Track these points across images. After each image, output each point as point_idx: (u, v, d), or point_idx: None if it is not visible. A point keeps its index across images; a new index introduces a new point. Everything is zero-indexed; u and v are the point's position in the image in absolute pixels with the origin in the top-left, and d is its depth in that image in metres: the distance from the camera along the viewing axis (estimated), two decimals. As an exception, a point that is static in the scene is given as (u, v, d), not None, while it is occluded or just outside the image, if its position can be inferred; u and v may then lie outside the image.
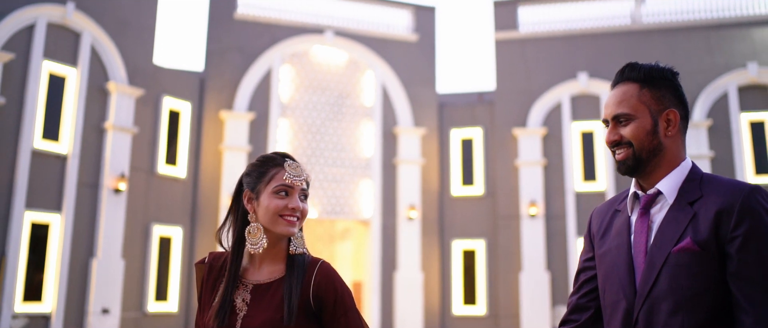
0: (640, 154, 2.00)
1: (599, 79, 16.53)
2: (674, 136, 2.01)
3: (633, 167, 2.02)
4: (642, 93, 2.01)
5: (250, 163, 2.20)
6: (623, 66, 2.09)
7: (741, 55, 15.99)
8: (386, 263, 16.48)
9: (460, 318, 16.69)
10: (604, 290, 2.06)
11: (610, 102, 2.07)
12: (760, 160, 15.58)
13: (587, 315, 2.16)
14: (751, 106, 15.81)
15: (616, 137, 2.03)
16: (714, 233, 1.83)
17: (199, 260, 2.26)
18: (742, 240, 1.80)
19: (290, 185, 2.12)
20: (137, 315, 13.96)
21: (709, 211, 1.86)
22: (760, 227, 1.80)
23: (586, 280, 2.20)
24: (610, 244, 2.08)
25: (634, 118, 2.00)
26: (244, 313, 2.07)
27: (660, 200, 1.99)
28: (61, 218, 12.79)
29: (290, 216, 2.11)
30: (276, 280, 2.12)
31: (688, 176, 1.98)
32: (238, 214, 2.19)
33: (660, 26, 16.70)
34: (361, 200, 16.68)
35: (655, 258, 1.90)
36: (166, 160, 14.90)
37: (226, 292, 2.10)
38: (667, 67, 2.06)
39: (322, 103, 16.63)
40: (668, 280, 1.86)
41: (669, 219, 1.93)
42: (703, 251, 1.83)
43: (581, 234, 16.05)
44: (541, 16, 17.49)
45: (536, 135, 16.62)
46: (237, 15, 16.29)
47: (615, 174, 16.05)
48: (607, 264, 2.06)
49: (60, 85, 13.08)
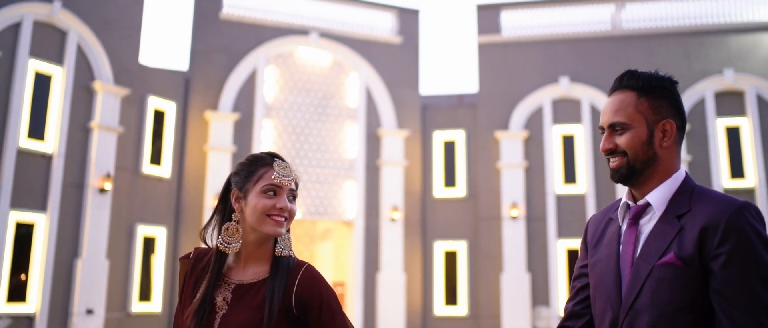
0: (634, 164, 1.97)
1: (580, 83, 16.81)
2: (670, 147, 1.99)
3: (626, 176, 2.00)
4: (639, 102, 1.99)
5: (239, 162, 2.18)
6: (622, 73, 2.07)
7: (717, 62, 16.37)
8: (369, 264, 16.59)
9: (442, 319, 16.85)
10: (595, 298, 2.06)
11: (607, 109, 2.05)
12: (735, 164, 15.96)
13: (582, 322, 2.15)
14: (727, 112, 16.19)
15: (611, 146, 2.01)
16: (698, 248, 1.81)
17: (183, 255, 2.24)
18: (726, 258, 1.77)
19: (279, 185, 2.10)
20: (121, 316, 13.90)
21: (695, 226, 1.84)
22: (745, 245, 1.77)
23: (582, 287, 2.19)
24: (601, 253, 2.07)
25: (630, 128, 1.98)
26: (224, 312, 2.05)
27: (649, 211, 1.97)
28: (46, 218, 12.71)
29: (278, 216, 2.09)
30: (259, 281, 2.09)
31: (679, 188, 1.96)
32: (224, 212, 2.17)
33: (639, 32, 17.03)
34: (345, 201, 16.77)
35: (640, 270, 1.89)
36: (151, 160, 14.86)
37: (207, 290, 2.08)
38: (666, 76, 2.04)
39: (306, 104, 16.69)
40: (650, 293, 1.85)
41: (656, 232, 1.91)
42: (686, 267, 1.81)
43: (562, 236, 16.33)
44: (523, 21, 17.73)
45: (518, 138, 16.85)
46: (222, 15, 16.29)
47: (595, 177, 16.34)
48: (598, 273, 2.05)
49: (46, 83, 12.99)
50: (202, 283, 2.14)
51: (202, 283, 2.14)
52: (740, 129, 16.12)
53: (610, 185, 16.23)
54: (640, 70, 2.04)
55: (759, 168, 15.60)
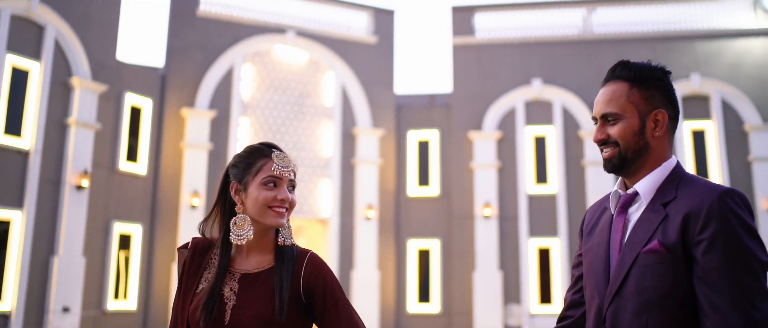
0: (626, 154, 1.99)
1: (552, 85, 17.16)
2: (662, 136, 2.00)
3: (618, 166, 2.01)
4: (631, 92, 2.00)
5: (237, 154, 2.18)
6: (615, 64, 2.07)
7: (685, 67, 16.86)
8: (344, 262, 16.72)
9: (415, 316, 17.08)
10: (586, 286, 2.09)
11: (599, 100, 2.05)
12: (700, 166, 16.48)
13: (582, 311, 2.17)
14: (693, 115, 16.69)
15: (603, 136, 2.03)
16: (681, 235, 1.82)
17: (182, 245, 2.22)
18: (707, 244, 1.77)
19: (279, 176, 2.10)
20: (96, 313, 13.82)
21: (678, 213, 1.85)
22: (726, 231, 1.76)
23: (580, 276, 2.20)
24: (593, 241, 2.09)
25: (622, 118, 1.99)
26: (233, 303, 2.05)
27: (638, 200, 1.99)
28: (23, 215, 12.57)
29: (279, 207, 2.09)
30: (265, 270, 2.10)
31: (668, 177, 1.97)
32: (225, 205, 2.16)
33: (610, 37, 17.44)
34: (320, 199, 16.88)
35: (625, 258, 1.90)
36: (127, 157, 14.77)
37: (215, 284, 2.07)
38: (658, 66, 2.04)
39: (282, 102, 16.75)
40: (635, 280, 1.85)
41: (642, 220, 1.93)
42: (670, 253, 1.82)
43: (533, 235, 16.67)
44: (497, 23, 18.02)
45: (491, 138, 17.13)
46: (199, 12, 16.24)
47: (566, 178, 16.71)
48: (589, 261, 2.08)
49: (23, 79, 12.83)
50: (202, 273, 2.15)
51: (202, 273, 2.15)
52: (705, 132, 16.64)
53: (581, 185, 16.63)
54: (633, 62, 2.05)
55: (723, 170, 16.12)
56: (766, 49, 16.71)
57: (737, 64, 16.71)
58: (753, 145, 16.16)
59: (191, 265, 2.17)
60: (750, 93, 16.48)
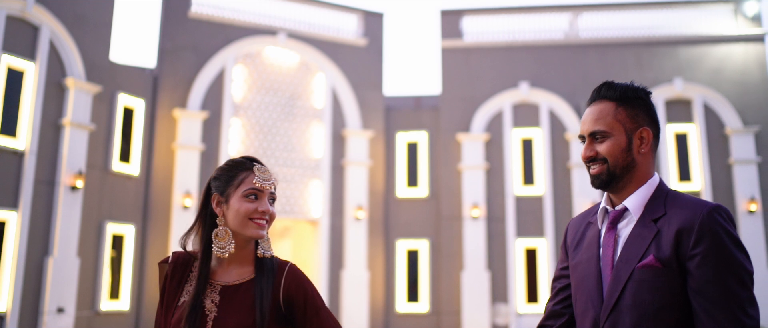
0: (614, 170, 2.06)
1: (539, 88, 17.47)
2: (647, 153, 2.08)
3: (606, 182, 2.09)
4: (618, 111, 2.08)
5: (219, 167, 2.23)
6: (600, 85, 2.16)
7: (668, 71, 17.26)
8: (334, 262, 16.87)
9: (404, 315, 17.28)
10: (576, 299, 2.16)
11: (586, 119, 2.13)
12: (683, 168, 16.89)
13: (562, 321, 2.26)
14: (676, 118, 17.10)
15: (592, 153, 2.10)
16: (675, 250, 1.91)
17: (162, 259, 2.26)
18: (700, 258, 1.87)
19: (260, 189, 2.15)
20: (90, 314, 13.83)
21: (671, 229, 1.93)
22: (718, 245, 1.87)
23: (561, 288, 2.29)
24: (582, 255, 2.16)
25: (610, 136, 2.07)
26: (215, 315, 2.08)
27: (627, 216, 2.07)
28: (18, 216, 12.56)
29: (260, 219, 2.14)
30: (245, 282, 2.14)
31: (654, 193, 2.06)
32: (206, 217, 2.21)
33: (595, 41, 17.79)
34: (310, 199, 17.01)
35: (620, 273, 1.98)
36: (120, 157, 14.78)
37: (196, 295, 2.10)
38: (641, 87, 2.14)
39: (273, 103, 16.85)
40: (632, 294, 1.93)
41: (634, 235, 2.00)
42: (665, 268, 1.91)
43: (520, 236, 16.95)
44: (485, 27, 18.28)
45: (479, 140, 17.39)
46: (191, 13, 16.29)
47: (553, 179, 17.02)
48: (579, 275, 2.15)
49: (18, 79, 12.81)
50: (184, 286, 2.19)
51: (184, 286, 2.19)
52: (687, 136, 17.05)
53: (567, 187, 16.95)
54: (617, 82, 2.14)
55: (705, 172, 16.54)
56: (746, 54, 17.17)
57: (719, 69, 17.14)
58: (733, 148, 16.59)
59: (172, 279, 2.21)
60: (731, 97, 16.92)
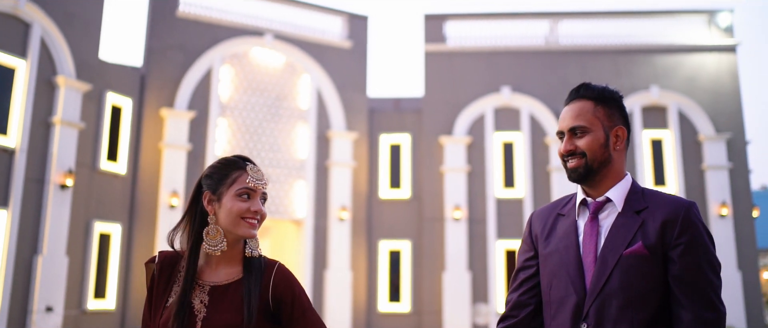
0: (592, 164, 2.20)
1: (520, 93, 17.86)
2: (621, 150, 2.23)
3: (583, 175, 2.22)
4: (597, 109, 2.22)
5: (211, 165, 2.22)
6: (578, 85, 2.29)
7: (644, 79, 17.80)
8: (318, 262, 17.03)
9: (386, 315, 17.51)
10: (551, 286, 2.24)
11: (566, 116, 2.26)
12: (658, 172, 17.43)
13: (527, 311, 2.32)
14: (652, 125, 17.64)
15: (571, 147, 2.22)
16: (660, 239, 2.08)
17: (149, 259, 2.23)
18: (683, 248, 2.06)
19: (253, 189, 2.16)
20: (77, 313, 13.78)
21: (656, 220, 2.10)
22: (698, 237, 2.07)
23: (526, 278, 2.35)
24: (556, 245, 2.26)
25: (590, 131, 2.21)
26: (204, 315, 2.07)
27: (608, 207, 2.20)
28: (8, 214, 12.47)
29: (252, 218, 2.14)
30: (234, 281, 2.13)
31: (631, 189, 2.21)
32: (195, 215, 2.19)
33: (574, 48, 18.25)
34: (295, 200, 17.14)
35: (607, 259, 2.10)
36: (108, 156, 14.74)
37: (184, 294, 2.08)
38: (615, 89, 2.29)
39: (259, 104, 16.95)
40: (619, 279, 2.07)
41: (618, 225, 2.14)
42: (651, 255, 2.07)
43: (501, 237, 17.30)
44: (468, 32, 18.61)
45: (461, 143, 17.71)
46: (179, 13, 16.30)
47: (533, 182, 17.42)
48: (554, 263, 2.23)
49: (9, 76, 12.73)
50: (172, 286, 2.17)
51: (172, 286, 2.17)
52: (663, 142, 17.61)
53: (547, 190, 17.36)
54: (594, 83, 2.28)
55: (679, 176, 17.09)
56: (719, 64, 17.78)
57: (693, 78, 17.73)
58: (706, 154, 17.18)
59: (160, 279, 2.19)
60: (704, 105, 17.51)
